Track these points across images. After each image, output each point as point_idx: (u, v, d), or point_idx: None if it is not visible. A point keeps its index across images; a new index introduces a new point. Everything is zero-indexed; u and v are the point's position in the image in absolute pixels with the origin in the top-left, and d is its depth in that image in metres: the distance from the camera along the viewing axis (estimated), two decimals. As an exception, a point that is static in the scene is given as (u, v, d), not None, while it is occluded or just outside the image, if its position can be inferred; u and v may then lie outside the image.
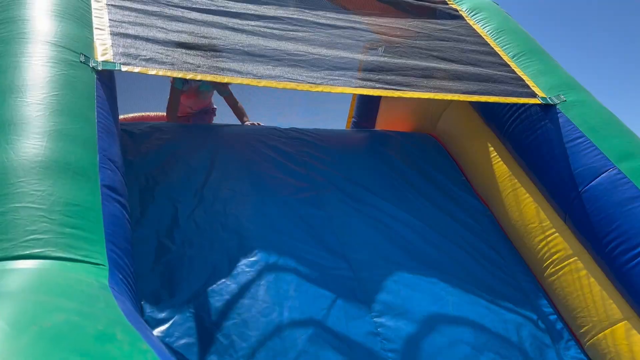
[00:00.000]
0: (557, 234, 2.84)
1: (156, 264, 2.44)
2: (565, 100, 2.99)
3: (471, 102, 3.42)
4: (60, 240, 1.55)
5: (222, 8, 2.98)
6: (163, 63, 2.45)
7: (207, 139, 3.25)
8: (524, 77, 3.15)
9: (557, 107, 2.97)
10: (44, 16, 2.40)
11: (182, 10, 2.86)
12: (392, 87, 2.81)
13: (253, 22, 2.94)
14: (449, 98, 2.94)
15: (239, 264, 2.50)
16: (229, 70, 2.59)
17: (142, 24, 2.63)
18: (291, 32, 2.95)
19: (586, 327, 2.64)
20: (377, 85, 2.79)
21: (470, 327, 2.53)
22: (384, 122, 4.35)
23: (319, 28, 3.09)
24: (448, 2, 3.79)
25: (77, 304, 1.27)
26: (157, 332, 2.19)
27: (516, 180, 3.11)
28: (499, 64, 3.23)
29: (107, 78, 2.40)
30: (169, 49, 2.54)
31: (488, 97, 2.96)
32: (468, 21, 3.62)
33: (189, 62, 2.52)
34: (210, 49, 2.67)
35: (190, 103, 4.15)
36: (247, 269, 2.48)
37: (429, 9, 3.70)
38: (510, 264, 2.97)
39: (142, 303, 2.23)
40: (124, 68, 2.35)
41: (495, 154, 3.28)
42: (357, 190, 3.13)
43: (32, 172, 1.71)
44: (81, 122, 2.01)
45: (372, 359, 2.31)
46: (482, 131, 3.38)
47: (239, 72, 2.59)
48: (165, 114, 4.40)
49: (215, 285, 2.39)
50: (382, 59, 3.12)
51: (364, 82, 2.80)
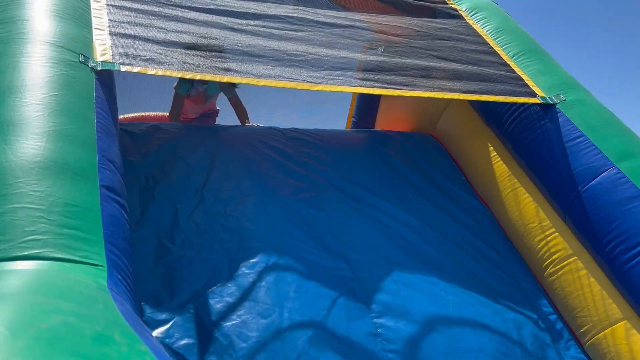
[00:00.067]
0: (556, 234, 2.84)
1: (156, 264, 2.44)
2: (565, 100, 2.99)
3: (471, 102, 3.42)
4: (58, 241, 1.55)
5: (221, 7, 2.97)
6: (162, 63, 2.45)
7: (207, 139, 3.25)
8: (524, 77, 3.15)
9: (557, 106, 2.97)
10: (43, 16, 2.40)
11: (182, 9, 2.85)
12: (391, 86, 2.81)
13: (253, 22, 2.94)
14: (448, 97, 2.94)
15: (239, 265, 2.50)
16: (229, 70, 2.59)
17: (141, 24, 2.63)
18: (291, 32, 2.94)
19: (586, 327, 2.64)
20: (377, 84, 2.78)
21: (470, 327, 2.53)
22: (384, 122, 4.34)
23: (319, 27, 3.08)
24: (448, 2, 3.78)
25: (75, 306, 1.26)
26: (157, 333, 2.19)
27: (516, 180, 3.11)
28: (498, 64, 3.23)
29: (106, 78, 2.39)
30: (168, 49, 2.54)
31: (488, 96, 2.96)
32: (468, 21, 3.61)
33: (188, 62, 2.52)
34: (209, 49, 2.66)
35: (197, 109, 4.12)
36: (247, 270, 2.48)
37: (428, 8, 3.70)
38: (510, 263, 2.97)
39: (142, 304, 2.22)
40: (123, 68, 2.35)
41: (495, 153, 3.27)
42: (357, 191, 3.13)
43: (31, 173, 1.70)
44: (80, 123, 2.01)
45: (372, 359, 2.31)
46: (482, 131, 3.37)
47: (239, 72, 2.59)
48: (165, 115, 4.41)
49: (215, 286, 2.39)
50: (381, 58, 3.12)
51: (364, 82, 2.80)
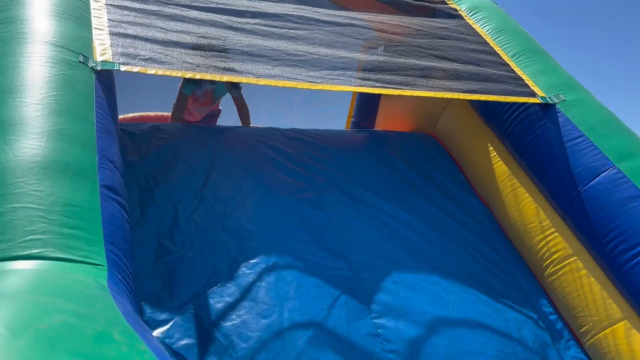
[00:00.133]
0: (556, 234, 2.84)
1: (156, 264, 2.44)
2: (565, 100, 2.99)
3: (471, 102, 3.42)
4: (59, 241, 1.55)
5: (221, 5, 2.96)
6: (162, 62, 2.44)
7: (207, 139, 3.25)
8: (524, 77, 3.15)
9: (557, 106, 2.96)
10: (42, 16, 2.39)
11: (181, 8, 2.85)
12: (391, 86, 2.80)
13: (253, 20, 2.93)
14: (448, 97, 2.94)
15: (239, 265, 2.49)
16: (228, 69, 2.59)
17: (141, 24, 2.63)
18: (291, 31, 2.94)
19: (586, 327, 2.63)
20: (377, 84, 2.78)
21: (471, 327, 2.53)
22: (384, 122, 4.34)
23: (319, 25, 3.07)
24: (447, 2, 3.78)
25: (76, 305, 1.26)
26: (157, 333, 2.18)
27: (516, 180, 3.11)
28: (498, 63, 3.23)
29: (106, 78, 2.39)
30: (167, 48, 2.54)
31: (488, 96, 2.95)
32: (467, 20, 3.61)
33: (188, 62, 2.52)
34: (209, 49, 2.66)
35: (204, 111, 4.09)
36: (247, 270, 2.48)
37: (428, 8, 3.70)
38: (510, 263, 2.97)
39: (142, 304, 2.22)
40: (123, 68, 2.35)
41: (495, 153, 3.27)
42: (357, 191, 3.13)
43: (31, 173, 1.70)
44: (80, 122, 2.00)
45: (372, 359, 2.31)
46: (482, 131, 3.37)
47: (239, 72, 2.59)
48: (165, 115, 4.40)
49: (215, 287, 2.39)
50: (381, 58, 3.11)
51: (364, 82, 2.80)
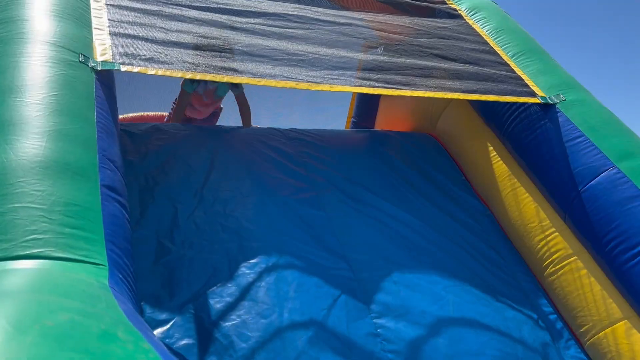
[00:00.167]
0: (556, 234, 2.84)
1: (156, 264, 2.43)
2: (565, 100, 2.99)
3: (471, 102, 3.42)
4: (60, 240, 1.55)
5: (221, 5, 2.96)
6: (162, 62, 2.44)
7: (207, 139, 3.25)
8: (524, 77, 3.15)
9: (557, 106, 2.97)
10: (43, 16, 2.39)
11: (181, 8, 2.85)
12: (391, 86, 2.80)
13: (253, 20, 2.93)
14: (448, 97, 2.94)
15: (239, 265, 2.49)
16: (228, 69, 2.59)
17: (141, 24, 2.63)
18: (291, 30, 2.94)
19: (586, 327, 2.64)
20: (377, 84, 2.78)
21: (471, 327, 2.53)
22: (384, 122, 4.34)
23: (319, 24, 3.07)
24: (447, 2, 3.78)
25: (79, 304, 1.26)
26: (157, 333, 2.18)
27: (516, 180, 3.11)
28: (498, 63, 3.23)
29: (106, 78, 2.39)
30: (168, 48, 2.54)
31: (488, 96, 2.96)
32: (467, 20, 3.62)
33: (188, 62, 2.52)
34: (209, 49, 2.66)
35: (205, 110, 4.07)
36: (247, 270, 2.48)
37: (428, 8, 3.70)
38: (510, 263, 2.97)
39: (142, 304, 2.22)
40: (123, 68, 2.35)
41: (495, 153, 3.27)
42: (357, 191, 3.13)
43: (32, 172, 1.70)
44: (80, 122, 2.00)
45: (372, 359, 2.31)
46: (482, 131, 3.37)
47: (239, 72, 2.59)
48: (165, 115, 4.40)
49: (215, 287, 2.39)
50: (381, 58, 3.11)
51: (364, 82, 2.80)
